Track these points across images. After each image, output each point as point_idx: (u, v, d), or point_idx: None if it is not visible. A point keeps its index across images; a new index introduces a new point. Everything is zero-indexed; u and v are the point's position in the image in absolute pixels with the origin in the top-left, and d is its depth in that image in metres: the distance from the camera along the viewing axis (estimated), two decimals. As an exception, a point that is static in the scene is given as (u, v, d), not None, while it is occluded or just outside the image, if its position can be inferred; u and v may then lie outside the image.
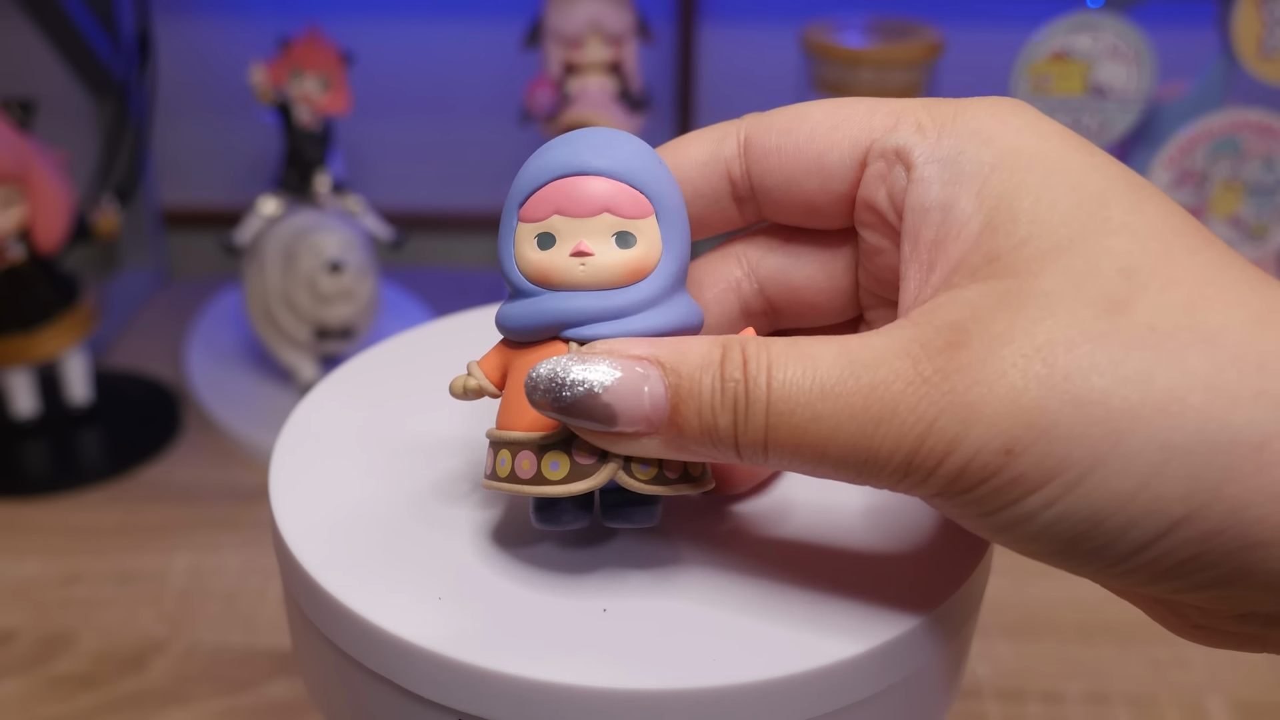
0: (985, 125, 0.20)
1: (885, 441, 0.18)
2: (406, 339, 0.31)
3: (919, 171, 0.20)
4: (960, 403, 0.18)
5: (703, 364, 0.19)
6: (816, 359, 0.19)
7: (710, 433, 0.19)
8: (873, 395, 0.18)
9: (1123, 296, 0.18)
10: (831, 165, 0.22)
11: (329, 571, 0.22)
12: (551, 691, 0.20)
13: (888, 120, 0.21)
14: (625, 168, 0.21)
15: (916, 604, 0.22)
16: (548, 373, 0.19)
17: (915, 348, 0.18)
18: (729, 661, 0.20)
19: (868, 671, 0.21)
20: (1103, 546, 0.18)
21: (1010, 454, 0.18)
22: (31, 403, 0.61)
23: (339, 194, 0.63)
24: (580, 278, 0.21)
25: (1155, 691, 0.45)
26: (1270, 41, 0.59)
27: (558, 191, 0.21)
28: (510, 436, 0.21)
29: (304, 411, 0.28)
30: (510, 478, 0.21)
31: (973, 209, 0.19)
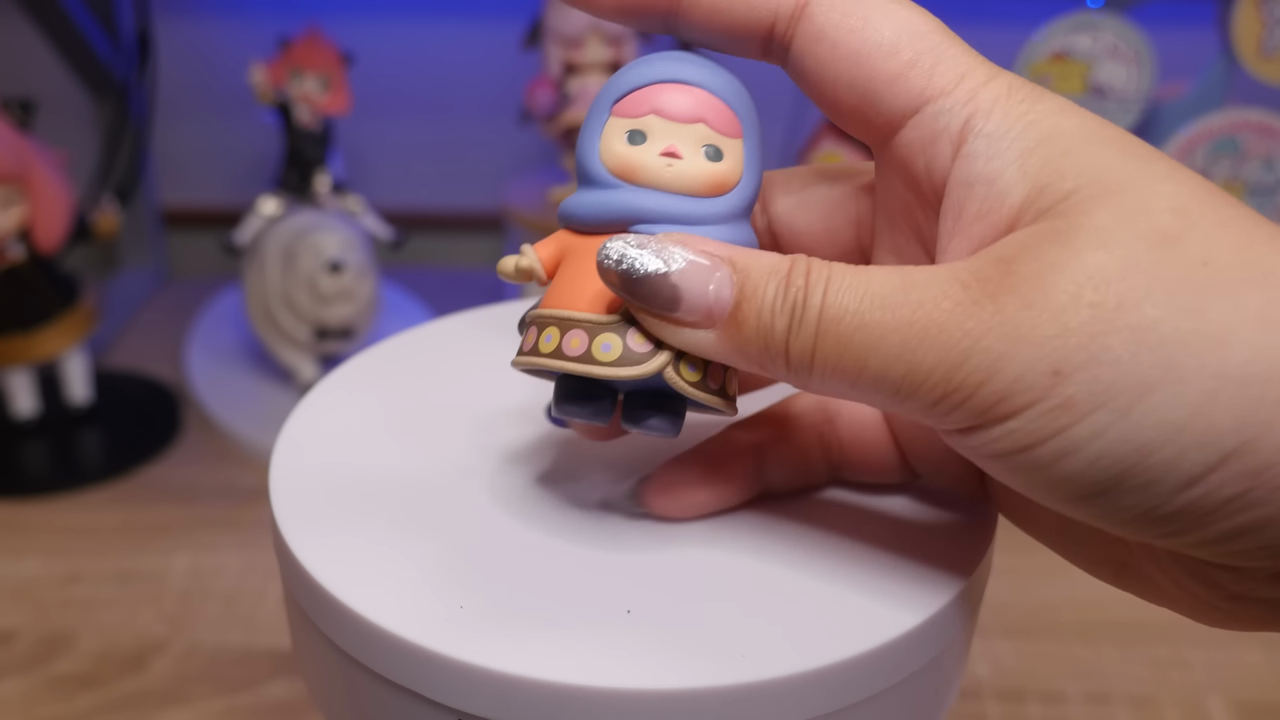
0: (1032, 109, 0.20)
1: (927, 356, 0.18)
2: (406, 339, 0.31)
3: (967, 147, 0.20)
4: (1007, 321, 0.18)
5: (770, 270, 0.20)
6: (871, 277, 0.19)
7: (766, 335, 0.19)
8: (919, 310, 0.18)
9: (1175, 232, 0.18)
10: (878, 101, 0.21)
11: (329, 570, 0.22)
12: (552, 691, 0.20)
13: (949, 77, 0.21)
14: (725, 88, 0.22)
15: (916, 604, 0.22)
16: (621, 245, 0.20)
17: (966, 275, 0.18)
18: (728, 662, 0.20)
19: (868, 672, 0.21)
20: (1150, 482, 0.17)
21: (1059, 375, 0.17)
22: (31, 403, 0.61)
23: (339, 194, 0.63)
24: (667, 178, 0.21)
25: (1155, 691, 0.45)
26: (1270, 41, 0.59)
27: (659, 93, 0.21)
28: (562, 314, 0.21)
29: (304, 411, 0.28)
30: (555, 353, 0.21)
31: (1017, 178, 0.19)
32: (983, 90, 0.20)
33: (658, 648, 0.21)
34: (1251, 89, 0.60)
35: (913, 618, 0.21)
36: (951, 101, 0.20)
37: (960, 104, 0.20)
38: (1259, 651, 0.48)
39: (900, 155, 0.21)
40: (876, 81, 0.21)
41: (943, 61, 0.21)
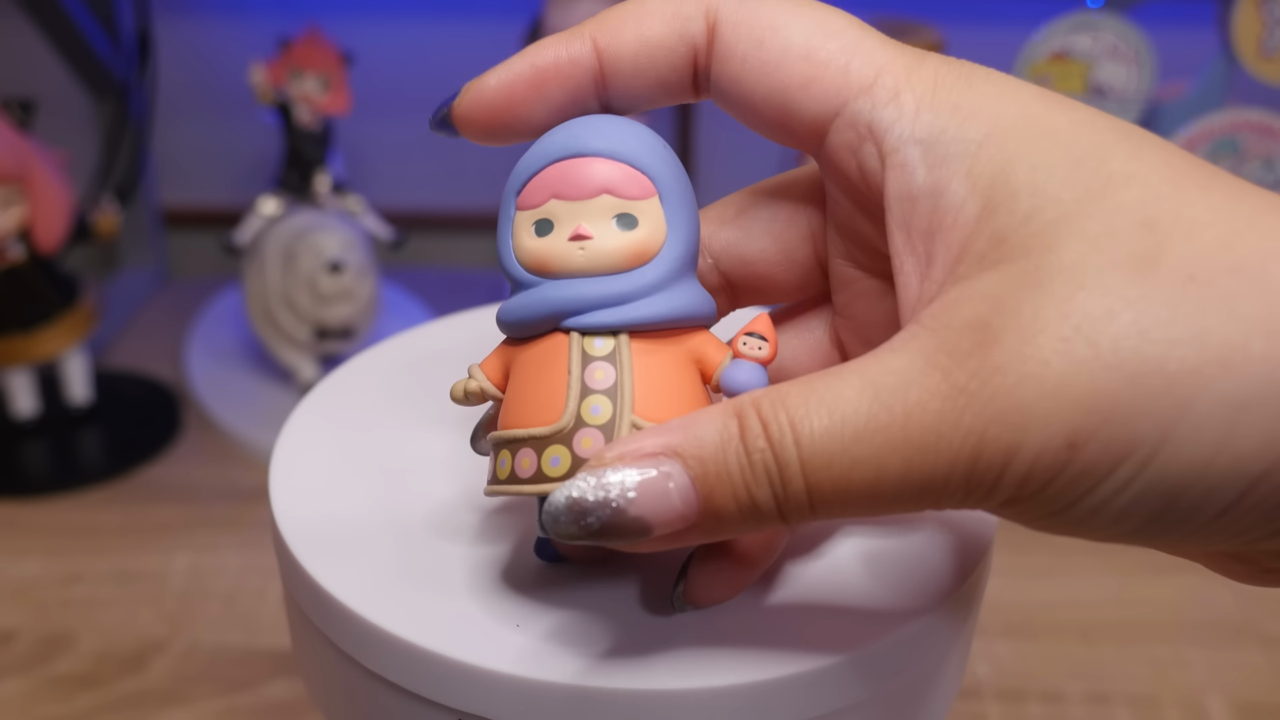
0: (965, 98, 0.19)
1: (937, 467, 0.17)
2: (406, 339, 0.31)
3: (899, 156, 0.19)
4: (1008, 407, 0.16)
5: (722, 441, 0.17)
6: (839, 400, 0.17)
7: (750, 510, 0.18)
8: (910, 424, 0.17)
9: (1150, 250, 0.16)
10: (796, 108, 0.20)
11: (329, 571, 0.22)
12: (551, 691, 0.20)
13: (865, 74, 0.19)
14: (625, 148, 0.20)
15: (916, 605, 0.22)
16: (564, 502, 0.17)
17: (941, 358, 0.17)
18: (728, 662, 0.20)
19: (867, 672, 0.21)
20: (1185, 518, 0.17)
21: (1074, 447, 0.16)
22: (31, 403, 0.61)
23: (339, 194, 0.63)
24: (579, 263, 0.20)
25: (1155, 691, 0.45)
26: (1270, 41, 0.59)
27: (554, 175, 0.20)
28: (509, 435, 0.20)
29: (304, 411, 0.28)
30: (510, 479, 0.20)
31: (966, 192, 0.18)
32: (905, 85, 0.19)
33: (658, 648, 0.21)
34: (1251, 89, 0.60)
35: (912, 618, 0.21)
36: (872, 100, 0.19)
37: (882, 102, 0.19)
38: (1259, 651, 0.48)
39: (832, 162, 0.20)
40: (790, 89, 0.20)
41: (857, 57, 0.19)
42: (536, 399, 0.20)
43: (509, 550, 0.23)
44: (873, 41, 0.20)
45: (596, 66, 0.21)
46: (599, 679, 0.20)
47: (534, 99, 0.21)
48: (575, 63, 0.21)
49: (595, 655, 0.20)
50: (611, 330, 0.20)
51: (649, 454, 0.18)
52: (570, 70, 0.21)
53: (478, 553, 0.23)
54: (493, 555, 0.23)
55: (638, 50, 0.20)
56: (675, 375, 0.20)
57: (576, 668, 0.20)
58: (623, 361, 0.20)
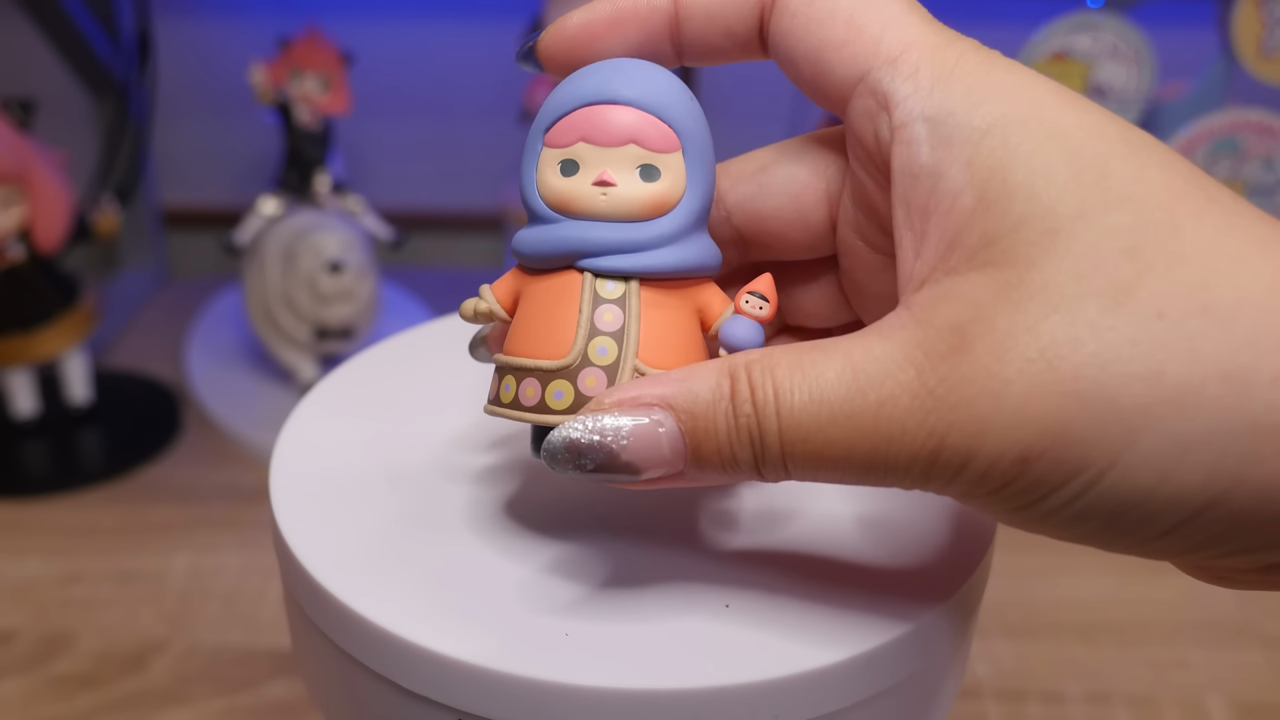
0: (979, 82, 0.19)
1: (900, 457, 0.18)
2: (406, 339, 0.31)
3: (906, 131, 0.19)
4: (968, 416, 0.17)
5: (714, 399, 0.19)
6: (821, 380, 0.18)
7: (730, 465, 0.19)
8: (881, 414, 0.18)
9: (1127, 281, 0.17)
10: (829, 68, 0.20)
11: (329, 571, 0.22)
12: (551, 691, 0.20)
13: (894, 45, 0.20)
14: (656, 100, 0.21)
15: (917, 605, 0.22)
16: (562, 442, 0.19)
17: (918, 354, 0.18)
18: (728, 662, 0.20)
19: (868, 672, 0.21)
20: (1130, 532, 0.18)
21: (1025, 461, 0.17)
22: (31, 403, 0.61)
23: (339, 194, 0.63)
24: (601, 207, 0.20)
25: (1155, 691, 0.45)
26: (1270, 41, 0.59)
27: (584, 119, 0.21)
28: (516, 363, 0.21)
29: (304, 411, 0.28)
30: (513, 404, 0.21)
31: (964, 180, 0.18)
32: (926, 62, 0.19)
33: (658, 648, 0.21)
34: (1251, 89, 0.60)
35: (912, 618, 0.21)
36: (892, 72, 0.20)
37: (901, 76, 0.19)
38: (1259, 651, 0.48)
39: (852, 127, 0.21)
40: (827, 48, 0.20)
41: (893, 29, 0.20)
42: (546, 331, 0.21)
43: (510, 549, 0.23)
44: (914, 17, 0.20)
45: (673, 11, 0.21)
46: (599, 679, 0.20)
47: (611, 37, 0.22)
48: (653, 6, 0.21)
49: (595, 655, 0.20)
50: (623, 275, 0.21)
51: (645, 403, 0.19)
52: (647, 13, 0.21)
53: (478, 552, 0.23)
54: (493, 554, 0.23)
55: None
56: (678, 323, 0.21)
57: (577, 667, 0.20)
58: (631, 307, 0.21)
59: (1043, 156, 0.18)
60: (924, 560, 0.23)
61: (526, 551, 0.23)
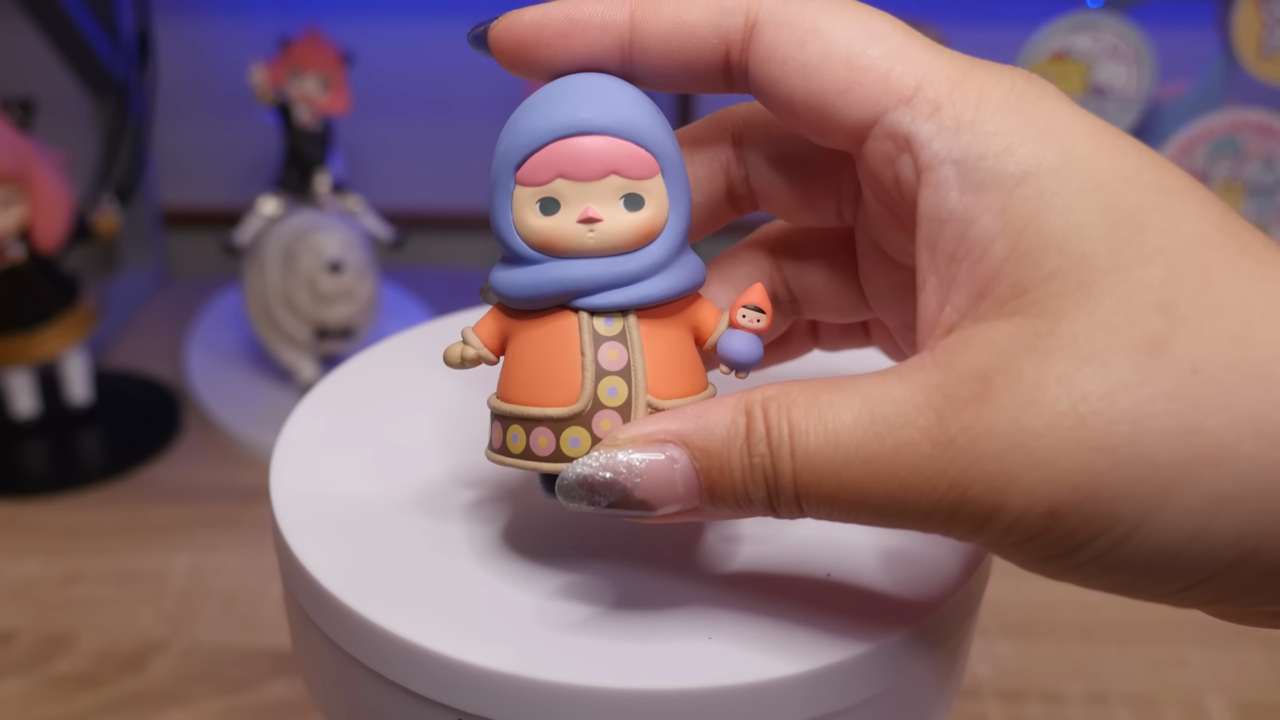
0: (1008, 123, 0.18)
1: (919, 505, 0.18)
2: (406, 339, 0.31)
3: (934, 174, 0.18)
4: (995, 470, 0.17)
5: (728, 437, 0.18)
6: (837, 421, 0.18)
7: (745, 503, 0.19)
8: (898, 460, 0.17)
9: (1161, 335, 0.17)
10: (834, 113, 0.20)
11: (330, 570, 0.22)
12: (551, 691, 0.20)
13: (905, 85, 0.19)
14: (630, 125, 0.20)
15: (917, 605, 0.22)
16: (576, 479, 0.19)
17: (939, 399, 0.17)
18: (727, 662, 0.20)
19: (868, 673, 0.21)
20: (1157, 584, 0.18)
21: (1054, 516, 0.17)
22: (31, 403, 0.61)
23: (339, 194, 0.63)
24: (590, 244, 0.20)
25: (1155, 691, 0.45)
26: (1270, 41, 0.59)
27: (559, 154, 0.20)
28: (525, 412, 0.20)
29: (304, 411, 0.28)
30: (525, 454, 0.20)
31: (997, 229, 0.18)
32: (946, 100, 0.19)
33: (658, 648, 0.21)
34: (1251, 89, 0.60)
35: (912, 618, 0.21)
36: (911, 113, 0.19)
37: (922, 116, 0.19)
38: (1259, 651, 0.48)
39: (869, 168, 0.20)
40: (829, 93, 0.19)
41: (900, 64, 0.19)
42: (549, 377, 0.20)
43: (510, 548, 0.23)
44: (917, 48, 0.19)
45: (627, 37, 0.21)
46: (600, 679, 0.20)
47: (559, 47, 0.21)
48: (607, 27, 0.21)
49: (596, 655, 0.20)
50: (620, 310, 0.20)
51: (659, 440, 0.19)
52: (599, 33, 0.21)
53: (479, 552, 0.23)
54: (494, 553, 0.23)
55: (670, 32, 0.20)
56: (679, 348, 0.21)
57: (577, 667, 0.20)
58: (633, 341, 0.20)
59: (1078, 207, 0.17)
60: (924, 560, 0.23)
61: (527, 550, 0.23)
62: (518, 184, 0.20)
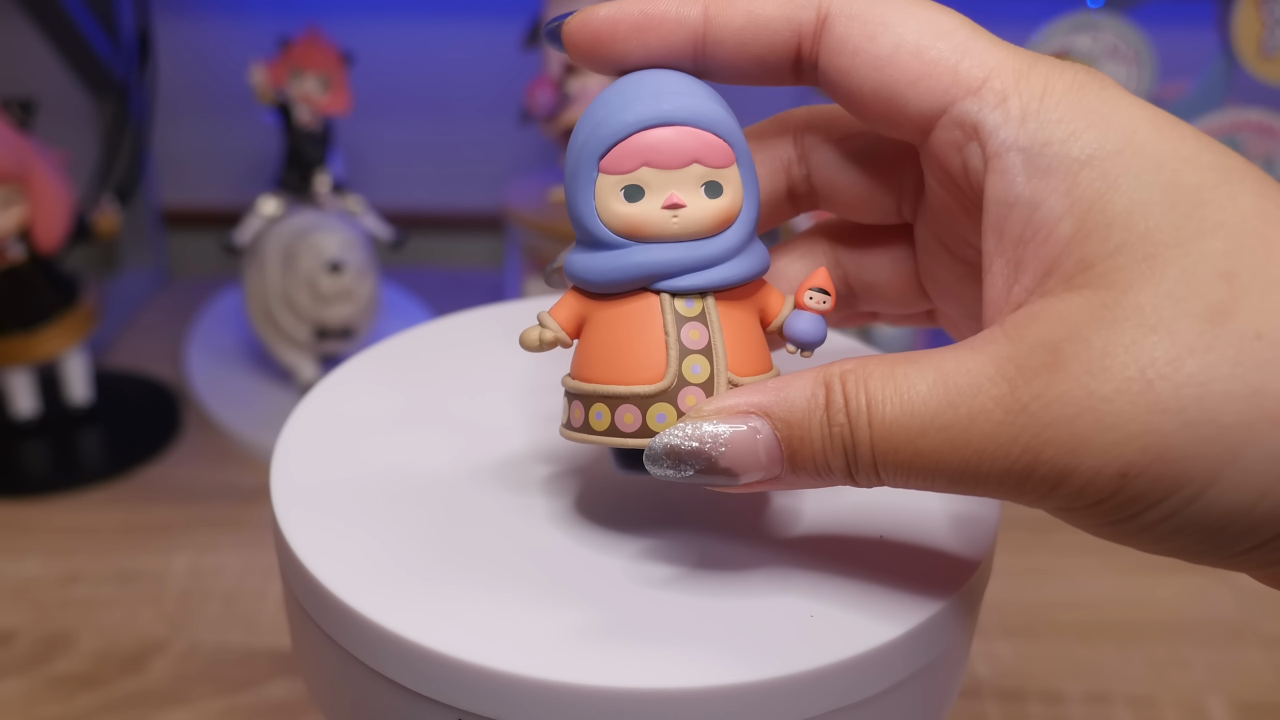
0: (1073, 111, 0.19)
1: (992, 471, 0.18)
2: (406, 339, 0.31)
3: (1001, 161, 0.19)
4: (1066, 434, 0.17)
5: (809, 408, 0.19)
6: (912, 392, 0.19)
7: (824, 471, 0.20)
8: (973, 428, 0.18)
9: (1225, 304, 0.17)
10: (903, 104, 0.20)
11: (330, 569, 0.22)
12: (551, 690, 0.20)
13: (974, 76, 0.20)
14: (708, 116, 0.21)
15: (917, 605, 0.22)
16: (663, 448, 0.20)
17: (1011, 369, 0.18)
18: (728, 662, 0.20)
19: (868, 672, 0.21)
20: (1220, 545, 0.18)
21: (1125, 478, 0.17)
22: (31, 403, 0.61)
23: (339, 194, 0.63)
24: (674, 230, 0.21)
25: (1155, 691, 0.45)
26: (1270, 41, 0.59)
27: (644, 143, 0.21)
28: (609, 390, 0.21)
29: (304, 411, 0.28)
30: (610, 431, 0.21)
31: (1063, 209, 0.19)
32: (1013, 90, 0.19)
33: (658, 647, 0.21)
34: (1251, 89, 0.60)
35: (913, 618, 0.21)
36: (979, 103, 0.20)
37: (990, 105, 0.20)
38: (1259, 651, 0.48)
39: (935, 157, 0.21)
40: (899, 84, 0.20)
41: (968, 58, 0.20)
42: (632, 357, 0.21)
43: (511, 547, 0.23)
44: (984, 43, 0.20)
45: (701, 32, 0.21)
46: (599, 678, 0.20)
47: (633, 41, 0.21)
48: (681, 23, 0.21)
49: (596, 654, 0.20)
50: (700, 292, 0.21)
51: (742, 411, 0.20)
52: (674, 28, 0.21)
53: (479, 550, 0.23)
54: (495, 552, 0.23)
55: (745, 25, 0.21)
56: (751, 328, 0.22)
57: (577, 666, 0.20)
58: (712, 321, 0.21)
59: (1141, 187, 0.18)
60: (924, 560, 0.23)
61: (527, 549, 0.23)
62: (601, 172, 0.21)
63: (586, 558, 0.23)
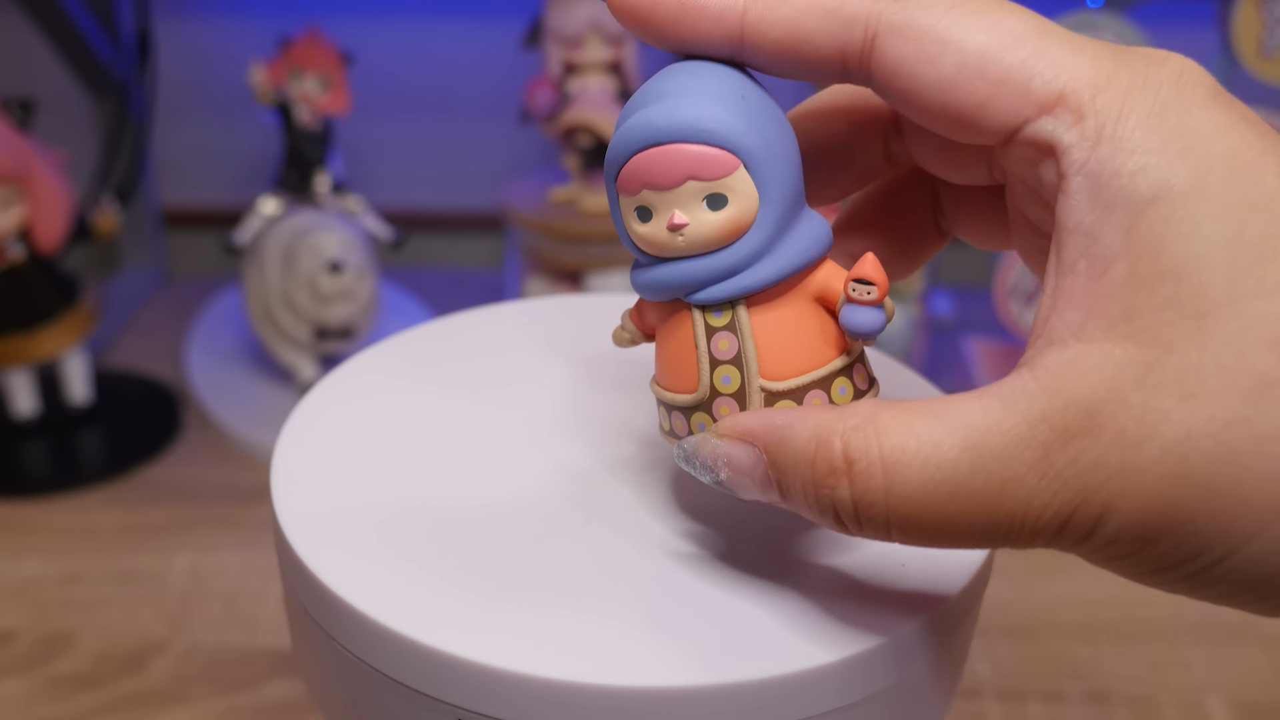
0: (1146, 141, 0.18)
1: (1021, 533, 0.18)
2: (406, 339, 0.31)
3: (1070, 184, 0.19)
4: (1096, 500, 0.17)
5: (798, 462, 0.19)
6: (939, 455, 0.18)
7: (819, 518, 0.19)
8: (1004, 493, 0.18)
9: (1272, 374, 0.17)
10: (973, 124, 0.19)
11: (331, 568, 0.22)
12: (552, 689, 0.20)
13: (1047, 93, 0.19)
14: (698, 128, 0.20)
15: (916, 605, 0.22)
16: (682, 453, 0.21)
17: (1044, 430, 0.18)
18: (727, 661, 0.20)
19: (868, 671, 0.21)
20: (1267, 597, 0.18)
21: (1145, 542, 0.18)
22: (31, 403, 0.61)
23: (339, 194, 0.63)
24: (682, 248, 0.21)
25: (1155, 691, 0.45)
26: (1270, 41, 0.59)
27: (641, 166, 0.20)
28: (664, 397, 0.22)
29: (304, 411, 0.28)
30: (670, 434, 0.22)
31: (1120, 249, 0.18)
32: (1089, 109, 0.18)
33: (659, 646, 0.21)
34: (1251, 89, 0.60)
35: (914, 617, 0.21)
36: (1054, 121, 0.19)
37: (1064, 125, 0.19)
38: (1259, 651, 0.48)
39: (1011, 170, 0.20)
40: (966, 108, 0.19)
41: (1039, 72, 0.19)
42: (675, 367, 0.22)
43: (511, 546, 0.23)
44: (1056, 48, 0.19)
45: (738, 34, 0.20)
46: (600, 677, 0.20)
47: (671, 24, 0.21)
48: (718, 20, 0.20)
49: (596, 653, 0.20)
50: (729, 301, 0.21)
51: (742, 437, 0.20)
52: (711, 25, 0.20)
53: (479, 548, 0.23)
54: (495, 551, 0.23)
55: (785, 35, 0.20)
56: (795, 325, 0.21)
57: (578, 665, 0.20)
58: (742, 329, 0.21)
59: (1201, 237, 0.17)
60: (924, 560, 0.23)
61: (528, 548, 0.23)
62: (619, 194, 0.21)
63: (587, 556, 0.23)
